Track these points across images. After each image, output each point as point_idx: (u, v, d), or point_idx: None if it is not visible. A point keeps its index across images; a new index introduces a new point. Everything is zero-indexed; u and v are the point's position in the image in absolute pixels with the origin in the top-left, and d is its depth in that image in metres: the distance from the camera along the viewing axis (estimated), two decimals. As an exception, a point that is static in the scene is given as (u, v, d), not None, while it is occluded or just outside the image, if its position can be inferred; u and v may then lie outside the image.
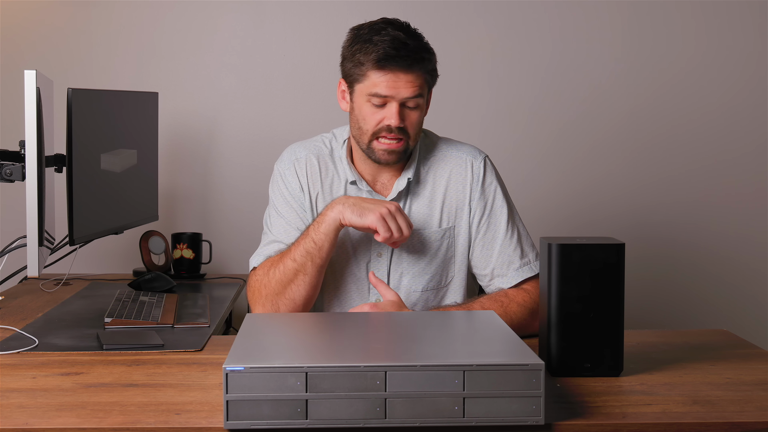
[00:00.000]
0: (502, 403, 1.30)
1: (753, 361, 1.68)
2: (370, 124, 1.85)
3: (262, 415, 1.28)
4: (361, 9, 2.93)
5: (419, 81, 1.83)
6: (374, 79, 1.82)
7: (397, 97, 1.82)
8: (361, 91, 1.85)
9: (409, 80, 1.81)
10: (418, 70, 1.82)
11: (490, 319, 1.60)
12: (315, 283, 1.87)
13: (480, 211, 1.95)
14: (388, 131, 1.84)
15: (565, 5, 3.03)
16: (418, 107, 1.85)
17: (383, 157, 1.87)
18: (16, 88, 2.08)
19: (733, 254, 3.12)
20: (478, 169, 1.97)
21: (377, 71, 1.81)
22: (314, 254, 1.84)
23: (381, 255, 1.96)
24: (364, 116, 1.86)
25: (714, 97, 3.08)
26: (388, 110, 1.83)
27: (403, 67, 1.80)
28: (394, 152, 1.86)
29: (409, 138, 1.87)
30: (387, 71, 1.81)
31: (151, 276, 2.42)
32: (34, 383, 1.53)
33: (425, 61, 1.83)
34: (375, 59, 1.80)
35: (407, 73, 1.81)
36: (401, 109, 1.83)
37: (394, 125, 1.83)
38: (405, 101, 1.83)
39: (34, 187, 1.93)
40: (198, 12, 2.99)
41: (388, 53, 1.79)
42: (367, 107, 1.85)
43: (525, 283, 1.94)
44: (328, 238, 1.83)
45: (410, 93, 1.82)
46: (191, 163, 3.04)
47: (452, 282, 1.98)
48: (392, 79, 1.81)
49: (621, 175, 3.10)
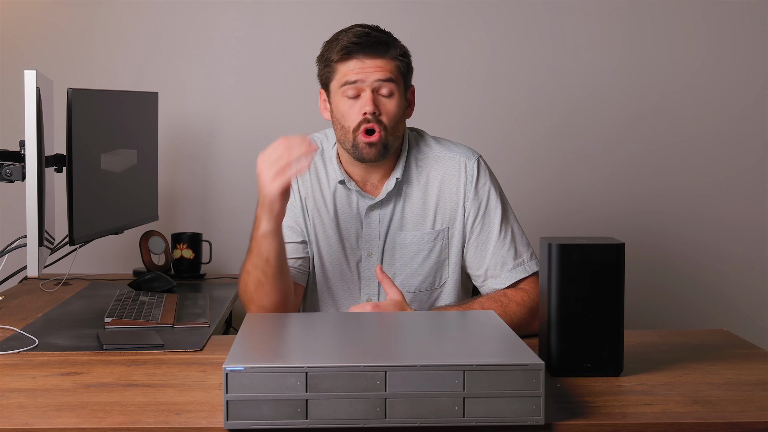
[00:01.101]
0: (502, 403, 1.30)
1: (753, 361, 1.68)
2: (349, 120, 1.86)
3: (262, 415, 1.28)
4: (361, 9, 2.93)
5: (389, 66, 1.86)
6: (343, 70, 1.86)
7: (367, 80, 1.84)
8: (335, 88, 1.88)
9: (377, 65, 1.85)
10: (385, 56, 1.86)
11: (490, 319, 1.60)
12: (278, 288, 1.81)
13: (474, 212, 1.95)
14: (366, 122, 1.85)
15: (564, 5, 3.03)
16: (393, 96, 1.86)
17: (365, 152, 1.87)
18: (16, 88, 2.08)
19: (734, 254, 3.12)
20: (472, 170, 1.96)
21: (344, 61, 1.86)
22: (263, 266, 1.79)
23: (371, 255, 1.96)
24: (342, 113, 1.87)
25: (713, 97, 3.08)
26: (361, 100, 1.85)
27: (368, 53, 1.84)
28: (373, 145, 1.86)
29: (386, 130, 1.86)
30: (352, 58, 1.85)
31: (151, 276, 2.42)
32: (34, 383, 1.53)
33: (391, 46, 1.87)
34: (339, 50, 1.85)
35: (374, 58, 1.85)
36: (374, 96, 1.85)
37: (369, 111, 1.84)
38: (377, 87, 1.84)
39: (34, 187, 1.93)
40: (198, 12, 2.99)
41: (351, 41, 1.85)
42: (343, 103, 1.87)
43: (523, 283, 1.94)
44: (269, 247, 1.77)
45: (380, 75, 1.84)
46: (191, 163, 3.04)
47: (446, 283, 1.98)
48: (358, 65, 1.85)
49: (621, 175, 3.09)
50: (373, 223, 1.95)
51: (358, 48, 1.84)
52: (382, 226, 1.95)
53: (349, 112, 1.86)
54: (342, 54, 1.85)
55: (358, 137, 1.86)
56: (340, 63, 1.86)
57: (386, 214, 1.95)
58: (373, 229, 1.95)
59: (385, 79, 1.85)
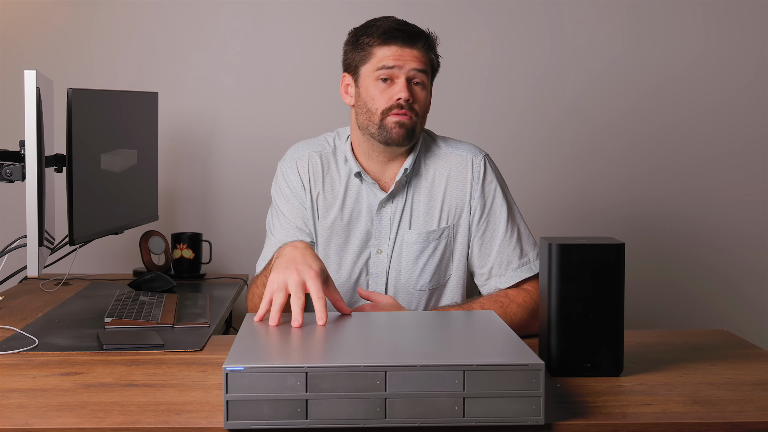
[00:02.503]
0: (502, 403, 1.30)
1: (753, 361, 1.68)
2: (380, 103, 1.88)
3: (262, 415, 1.28)
4: (361, 9, 2.93)
5: (424, 58, 1.89)
6: (380, 55, 1.88)
7: (404, 68, 1.87)
8: (367, 72, 1.89)
9: (414, 54, 1.88)
10: (421, 48, 1.89)
11: (490, 319, 1.60)
12: None
13: (479, 210, 1.96)
14: (399, 107, 1.86)
15: (563, 4, 3.03)
16: (424, 87, 1.90)
17: (395, 131, 1.88)
18: (16, 88, 2.08)
19: (734, 254, 3.13)
20: (479, 167, 1.97)
21: (383, 46, 1.88)
22: None
23: (381, 252, 1.96)
24: (372, 96, 1.89)
25: (713, 96, 3.08)
26: (397, 86, 1.87)
27: (408, 42, 1.87)
28: (404, 125, 1.87)
29: (417, 116, 1.89)
30: (392, 44, 1.87)
31: (151, 276, 2.42)
32: (34, 383, 1.53)
33: (429, 39, 1.90)
34: (379, 35, 1.87)
35: (412, 48, 1.88)
36: (409, 85, 1.87)
37: (404, 98, 1.86)
38: (412, 76, 1.87)
39: (34, 187, 1.93)
40: (198, 12, 2.99)
41: (392, 27, 1.88)
42: (375, 87, 1.88)
43: (525, 283, 1.94)
44: None
45: (416, 65, 1.87)
46: (191, 163, 3.04)
47: (450, 281, 1.98)
48: (398, 52, 1.87)
49: (621, 176, 3.10)
50: (384, 219, 1.96)
51: (399, 34, 1.87)
52: (393, 222, 1.95)
53: (380, 96, 1.88)
54: (381, 37, 1.87)
55: (387, 118, 1.88)
56: (379, 47, 1.88)
57: (397, 210, 1.96)
58: (383, 225, 1.96)
59: (421, 69, 1.88)
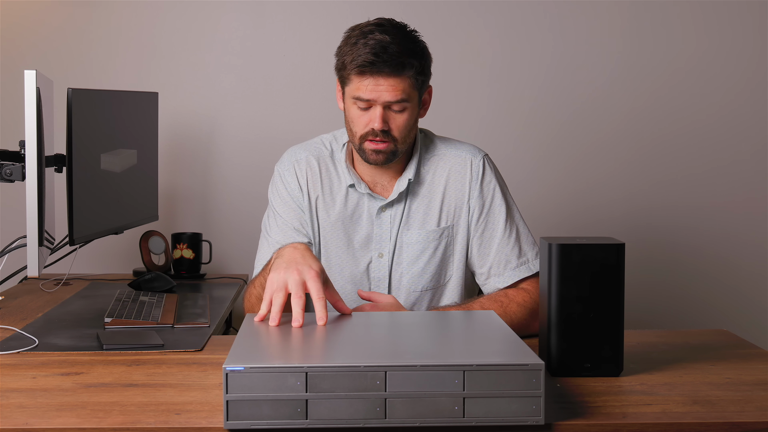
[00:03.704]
0: (502, 403, 1.30)
1: (753, 361, 1.68)
2: (358, 127, 1.88)
3: (262, 415, 1.28)
4: (361, 9, 2.93)
5: (402, 85, 1.83)
6: (356, 84, 1.84)
7: (379, 100, 1.83)
8: (348, 93, 1.88)
9: (390, 84, 1.82)
10: (400, 75, 1.82)
11: (490, 319, 1.60)
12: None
13: (478, 210, 1.96)
14: (374, 135, 1.85)
15: (565, 5, 3.03)
16: (405, 110, 1.86)
17: (372, 158, 1.88)
18: (16, 88, 2.08)
19: (734, 254, 3.13)
20: (477, 167, 1.97)
21: (358, 76, 1.83)
22: None
23: (382, 256, 1.96)
24: (352, 118, 1.89)
25: (714, 98, 3.08)
26: (372, 113, 1.85)
27: (383, 73, 1.81)
28: (380, 152, 1.87)
29: (396, 141, 1.87)
30: (367, 76, 1.82)
31: (151, 276, 2.42)
32: (34, 383, 1.53)
33: (407, 66, 1.82)
34: (355, 65, 1.82)
35: (388, 78, 1.82)
36: (385, 112, 1.84)
37: (377, 128, 1.84)
38: (389, 104, 1.84)
39: (34, 187, 1.93)
40: (198, 12, 2.99)
41: (367, 60, 1.80)
42: (353, 110, 1.87)
43: (525, 282, 1.94)
44: None
45: (392, 97, 1.82)
46: (191, 163, 3.04)
47: (450, 281, 1.98)
48: (372, 84, 1.82)
49: (621, 176, 3.10)
50: (384, 224, 1.96)
51: (374, 67, 1.81)
52: (393, 226, 1.96)
53: (358, 120, 1.87)
54: (357, 68, 1.82)
55: (365, 143, 1.87)
56: (355, 76, 1.84)
57: (397, 213, 1.96)
58: (384, 229, 1.96)
59: (398, 100, 1.83)
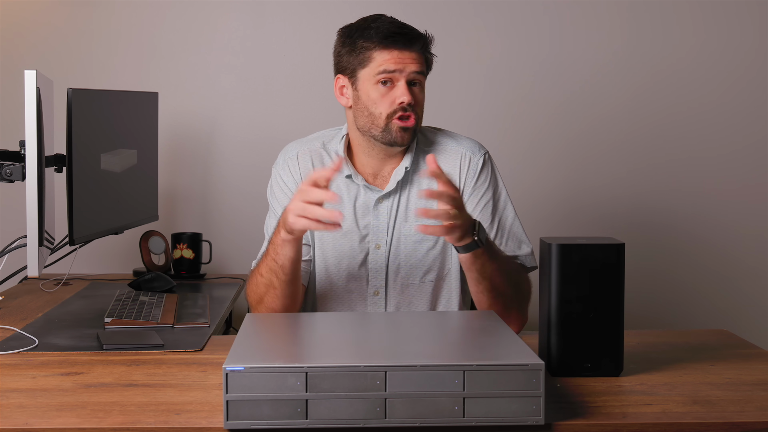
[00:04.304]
0: (502, 403, 1.30)
1: (753, 361, 1.68)
2: (383, 107, 1.88)
3: (262, 415, 1.28)
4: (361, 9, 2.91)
5: (421, 59, 1.89)
6: (380, 59, 1.87)
7: (405, 71, 1.86)
8: (367, 75, 1.88)
9: (413, 57, 1.88)
10: (419, 50, 1.89)
11: (490, 319, 1.60)
12: (288, 294, 1.83)
13: (474, 203, 1.96)
14: (402, 110, 1.87)
15: (563, 2, 3.03)
16: (422, 88, 1.91)
17: (398, 136, 1.89)
18: (16, 88, 2.08)
19: (734, 254, 3.12)
20: (476, 163, 1.97)
21: (383, 50, 1.87)
22: (277, 271, 1.80)
23: (379, 247, 1.96)
24: (374, 100, 1.88)
25: (712, 94, 3.08)
26: (398, 89, 1.87)
27: (407, 45, 1.87)
28: (408, 129, 1.89)
29: (418, 118, 1.91)
30: (392, 48, 1.86)
31: (151, 276, 2.42)
32: (34, 383, 1.53)
33: (425, 41, 1.90)
34: (380, 39, 1.86)
35: (411, 51, 1.87)
36: (408, 87, 1.88)
37: (407, 101, 1.86)
38: (412, 79, 1.88)
39: (34, 187, 1.93)
40: (198, 12, 2.99)
41: (392, 31, 1.87)
42: (375, 91, 1.88)
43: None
44: (287, 254, 1.77)
45: (416, 68, 1.88)
46: (191, 163, 3.04)
47: (449, 272, 1.98)
48: (398, 56, 1.86)
49: (621, 175, 3.09)
50: (381, 215, 1.96)
51: (399, 38, 1.86)
52: (390, 217, 1.95)
53: (382, 100, 1.88)
54: (381, 41, 1.86)
55: (392, 122, 1.88)
56: (378, 51, 1.87)
57: (394, 204, 1.96)
58: (381, 220, 1.96)
59: (419, 71, 1.88)
